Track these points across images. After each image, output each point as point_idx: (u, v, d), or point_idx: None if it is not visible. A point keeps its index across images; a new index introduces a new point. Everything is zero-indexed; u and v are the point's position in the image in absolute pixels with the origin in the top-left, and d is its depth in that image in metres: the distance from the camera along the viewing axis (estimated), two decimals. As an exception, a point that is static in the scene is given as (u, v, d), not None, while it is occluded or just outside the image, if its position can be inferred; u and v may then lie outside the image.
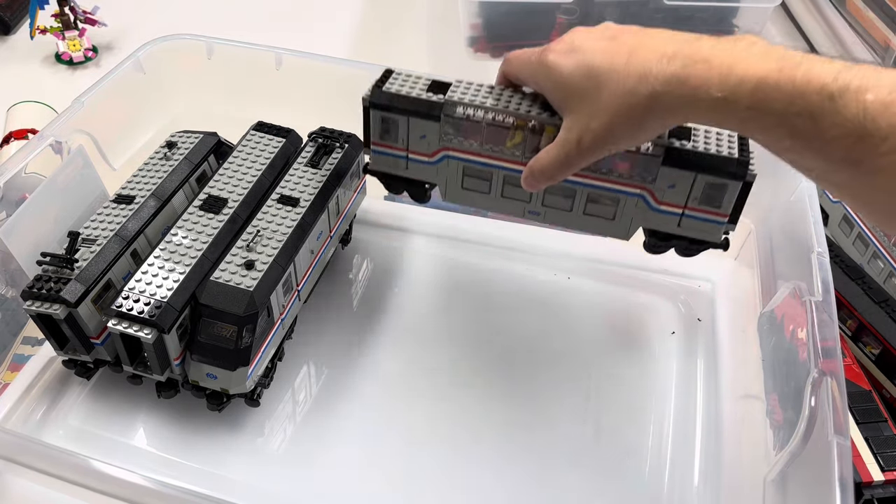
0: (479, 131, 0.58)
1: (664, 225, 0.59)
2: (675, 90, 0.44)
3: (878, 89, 0.38)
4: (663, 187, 0.57)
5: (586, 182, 0.58)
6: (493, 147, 0.58)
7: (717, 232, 0.58)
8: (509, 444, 0.61)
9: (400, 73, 0.61)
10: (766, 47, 0.43)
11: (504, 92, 0.57)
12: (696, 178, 0.55)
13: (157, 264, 0.57)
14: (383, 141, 0.61)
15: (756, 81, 0.41)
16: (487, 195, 0.62)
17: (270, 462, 0.59)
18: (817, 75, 0.40)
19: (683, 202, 0.57)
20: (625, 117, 0.46)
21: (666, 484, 0.59)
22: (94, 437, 0.60)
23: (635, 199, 0.58)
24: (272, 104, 0.76)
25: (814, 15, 0.92)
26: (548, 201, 0.61)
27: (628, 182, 0.57)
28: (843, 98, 0.39)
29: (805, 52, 0.42)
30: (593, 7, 0.80)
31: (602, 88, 0.47)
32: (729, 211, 0.57)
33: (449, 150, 0.60)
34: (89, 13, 1.05)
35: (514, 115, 0.56)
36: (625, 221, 0.60)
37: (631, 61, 0.46)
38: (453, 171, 0.61)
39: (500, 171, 0.60)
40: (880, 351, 0.65)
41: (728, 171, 0.54)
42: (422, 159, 0.61)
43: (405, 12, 1.19)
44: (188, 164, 0.67)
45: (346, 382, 0.65)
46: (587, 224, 0.61)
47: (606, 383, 0.65)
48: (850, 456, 0.46)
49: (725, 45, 0.43)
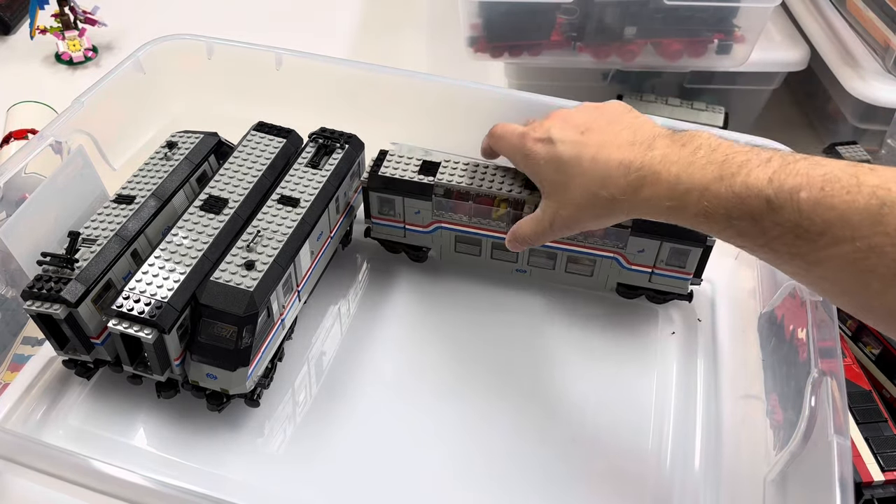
0: (466, 208, 0.66)
1: (636, 280, 0.68)
2: (631, 199, 0.50)
3: (811, 187, 0.41)
4: (633, 252, 0.65)
5: (565, 247, 0.68)
6: (481, 220, 0.67)
7: (684, 286, 0.67)
8: (509, 443, 0.61)
9: (394, 154, 0.69)
10: (709, 153, 0.47)
11: (488, 169, 0.66)
12: (662, 244, 0.64)
13: (158, 264, 0.57)
14: (382, 215, 0.70)
15: (700, 191, 0.46)
16: (478, 257, 0.71)
17: (270, 462, 0.59)
18: (755, 180, 0.43)
19: (652, 263, 0.66)
20: (589, 212, 0.54)
21: (666, 484, 0.59)
22: (94, 437, 0.60)
23: (609, 260, 0.67)
24: (272, 104, 0.76)
25: (814, 15, 0.92)
26: (533, 262, 0.70)
27: (602, 247, 0.66)
28: (778, 199, 0.42)
29: (748, 148, 0.46)
30: (593, 7, 0.80)
31: (569, 184, 0.54)
32: (693, 270, 0.66)
33: (441, 223, 0.68)
34: (89, 13, 1.05)
35: (497, 196, 0.65)
36: (602, 278, 0.69)
37: (595, 164, 0.52)
38: (446, 239, 0.70)
39: (488, 239, 0.69)
40: (880, 351, 0.65)
41: (690, 238, 0.63)
42: (417, 229, 0.70)
43: (405, 12, 1.19)
44: (189, 164, 0.67)
45: (346, 382, 0.65)
46: (568, 279, 0.70)
47: (606, 383, 0.65)
48: (850, 456, 0.46)
49: (675, 152, 0.49)
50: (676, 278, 0.67)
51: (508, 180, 0.65)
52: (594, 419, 0.63)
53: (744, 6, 0.79)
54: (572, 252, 0.67)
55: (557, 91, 0.75)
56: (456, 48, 0.85)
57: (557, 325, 0.70)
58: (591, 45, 0.83)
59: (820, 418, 0.49)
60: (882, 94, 0.81)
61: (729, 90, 0.92)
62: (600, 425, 0.63)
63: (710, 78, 0.90)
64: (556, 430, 0.62)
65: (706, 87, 0.91)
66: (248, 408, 0.61)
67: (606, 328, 0.70)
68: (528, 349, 0.68)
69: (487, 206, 0.66)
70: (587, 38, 0.82)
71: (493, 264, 0.71)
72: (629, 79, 0.92)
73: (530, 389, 0.65)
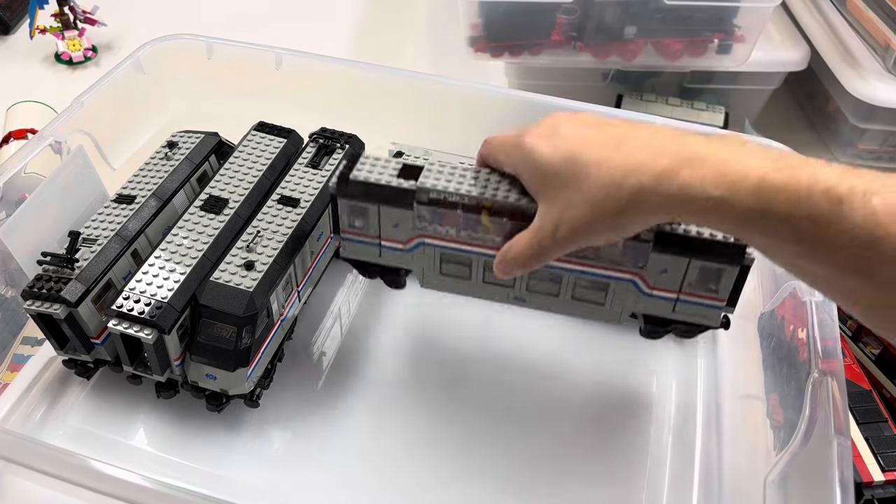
0: (454, 218, 0.54)
1: (658, 310, 0.55)
2: (665, 187, 0.41)
3: (886, 193, 0.36)
4: (655, 273, 0.53)
5: (571, 268, 0.55)
6: (472, 234, 0.55)
7: (714, 316, 0.55)
8: (509, 444, 0.61)
9: (368, 157, 0.57)
10: (758, 146, 0.40)
11: (479, 174, 0.54)
12: (690, 263, 0.52)
13: (158, 264, 0.57)
14: (354, 229, 0.58)
15: (757, 180, 0.38)
16: (468, 280, 0.58)
17: (270, 462, 0.59)
18: (823, 177, 0.37)
19: (677, 287, 0.54)
20: (607, 210, 0.43)
21: (666, 484, 0.59)
22: (94, 437, 0.60)
23: (625, 284, 0.55)
24: (272, 104, 0.76)
25: (814, 15, 0.92)
26: (533, 286, 0.57)
27: (617, 268, 0.54)
28: (850, 202, 0.36)
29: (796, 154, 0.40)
30: (593, 7, 0.80)
31: (584, 178, 0.44)
32: (727, 296, 0.54)
33: (424, 238, 0.56)
34: (89, 13, 1.05)
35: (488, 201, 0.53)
36: (616, 307, 0.56)
37: (618, 153, 0.43)
38: (430, 259, 0.58)
39: (479, 258, 0.56)
40: (880, 351, 0.65)
41: (724, 255, 0.51)
42: (396, 247, 0.58)
43: (405, 12, 1.19)
44: (189, 164, 0.67)
45: (346, 383, 0.65)
46: (576, 309, 0.58)
47: (606, 384, 0.65)
48: (850, 456, 0.46)
49: (716, 141, 0.41)
50: (706, 306, 0.54)
51: (504, 186, 0.53)
52: (594, 419, 0.63)
53: (744, 6, 0.79)
54: (580, 273, 0.55)
55: (557, 91, 0.75)
56: (456, 48, 0.85)
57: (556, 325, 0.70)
58: (592, 44, 0.83)
59: (820, 418, 0.49)
60: (882, 94, 0.81)
61: (729, 90, 0.92)
62: (600, 425, 0.63)
63: (710, 78, 0.90)
64: (555, 431, 0.62)
65: (706, 86, 0.91)
66: (248, 408, 0.61)
67: (606, 327, 0.70)
68: (527, 347, 0.68)
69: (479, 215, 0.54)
70: (587, 38, 0.82)
71: (487, 291, 0.58)
72: (629, 79, 0.92)
73: (530, 389, 0.65)
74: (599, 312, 0.57)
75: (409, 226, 0.56)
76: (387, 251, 0.58)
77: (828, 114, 0.94)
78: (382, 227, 0.57)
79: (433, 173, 0.54)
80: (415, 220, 0.55)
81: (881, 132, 0.88)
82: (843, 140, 0.91)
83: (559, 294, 0.57)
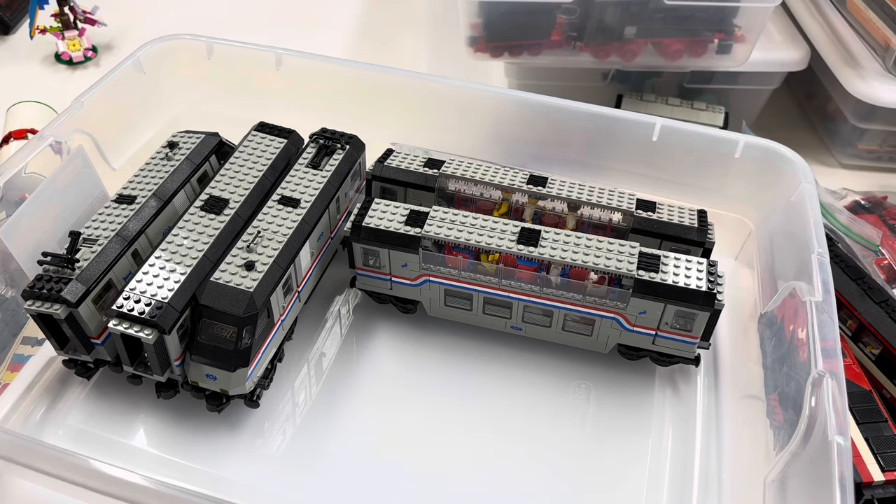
0: (456, 261, 0.63)
1: (639, 342, 0.64)
2: None
3: None
4: (635, 313, 0.61)
5: (562, 306, 0.63)
6: (472, 275, 0.63)
7: (690, 349, 0.63)
8: (509, 444, 0.61)
9: (379, 202, 0.65)
10: None
11: (479, 220, 0.63)
12: (666, 307, 0.60)
13: (158, 265, 0.57)
14: (367, 266, 0.66)
15: None
16: (469, 311, 0.67)
17: (270, 462, 0.59)
18: None
19: (655, 326, 0.62)
20: None
21: (666, 484, 0.59)
22: (94, 437, 0.60)
23: (610, 321, 0.63)
24: (272, 104, 0.76)
25: (814, 15, 0.92)
26: (528, 318, 0.66)
27: (601, 307, 0.62)
28: None
29: None
30: (593, 7, 0.80)
31: None
32: (700, 334, 0.61)
33: (429, 276, 0.65)
34: (89, 13, 1.05)
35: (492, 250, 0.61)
36: (601, 338, 0.65)
37: None
38: (435, 293, 0.66)
39: (479, 294, 0.64)
40: (880, 351, 0.65)
41: (696, 302, 0.59)
42: (405, 282, 0.66)
43: (405, 12, 1.19)
44: (190, 164, 0.67)
45: (346, 383, 0.65)
46: (567, 339, 0.66)
47: (606, 384, 0.65)
48: (850, 456, 0.46)
49: None
50: (682, 342, 0.62)
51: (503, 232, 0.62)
52: (594, 420, 0.63)
53: (744, 6, 0.79)
54: (570, 311, 0.63)
55: (557, 91, 0.75)
56: (456, 48, 0.85)
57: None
58: (592, 44, 0.83)
59: (820, 418, 0.49)
60: (882, 94, 0.81)
61: (729, 90, 0.92)
62: (600, 426, 0.63)
63: (710, 78, 0.90)
64: (555, 431, 0.62)
65: (706, 86, 0.91)
66: (248, 408, 0.61)
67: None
68: (527, 347, 0.68)
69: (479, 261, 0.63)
70: (587, 38, 0.82)
71: (486, 321, 0.67)
72: (629, 79, 0.92)
73: (529, 389, 0.65)
74: (587, 342, 0.66)
75: (416, 266, 0.64)
76: (397, 285, 0.67)
77: (828, 114, 0.94)
78: (392, 265, 0.65)
79: (437, 220, 0.63)
80: (420, 262, 0.63)
81: (881, 132, 0.88)
82: (843, 140, 0.91)
83: (551, 325, 0.65)
